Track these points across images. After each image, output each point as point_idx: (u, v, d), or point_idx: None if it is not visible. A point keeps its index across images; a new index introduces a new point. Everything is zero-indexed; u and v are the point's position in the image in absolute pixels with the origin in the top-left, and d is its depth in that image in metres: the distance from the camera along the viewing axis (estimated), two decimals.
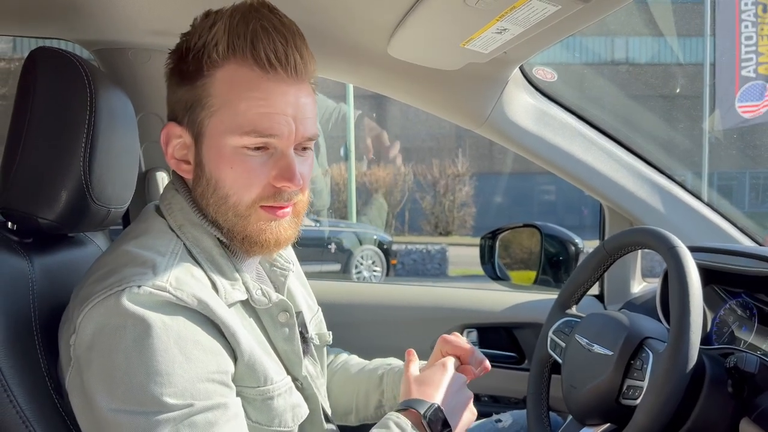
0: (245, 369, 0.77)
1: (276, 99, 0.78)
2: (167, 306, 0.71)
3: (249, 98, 0.77)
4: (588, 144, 1.37)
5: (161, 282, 0.72)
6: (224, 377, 0.73)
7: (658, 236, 0.97)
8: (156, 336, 0.68)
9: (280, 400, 0.81)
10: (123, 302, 0.69)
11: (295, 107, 0.79)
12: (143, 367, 0.67)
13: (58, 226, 0.83)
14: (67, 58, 0.83)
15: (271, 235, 0.82)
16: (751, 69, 7.54)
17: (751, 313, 1.11)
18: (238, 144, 0.78)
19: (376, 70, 1.26)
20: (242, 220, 0.81)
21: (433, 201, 13.89)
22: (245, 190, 0.80)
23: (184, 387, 0.68)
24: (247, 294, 0.82)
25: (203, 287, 0.75)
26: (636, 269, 1.51)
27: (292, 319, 0.86)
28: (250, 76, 0.77)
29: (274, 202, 0.81)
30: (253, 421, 0.78)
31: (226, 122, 0.78)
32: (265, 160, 0.80)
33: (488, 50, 1.06)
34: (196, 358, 0.70)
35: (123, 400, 0.67)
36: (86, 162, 0.82)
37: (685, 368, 0.85)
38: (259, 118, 0.77)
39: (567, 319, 1.14)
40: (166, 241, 0.80)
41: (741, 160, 11.71)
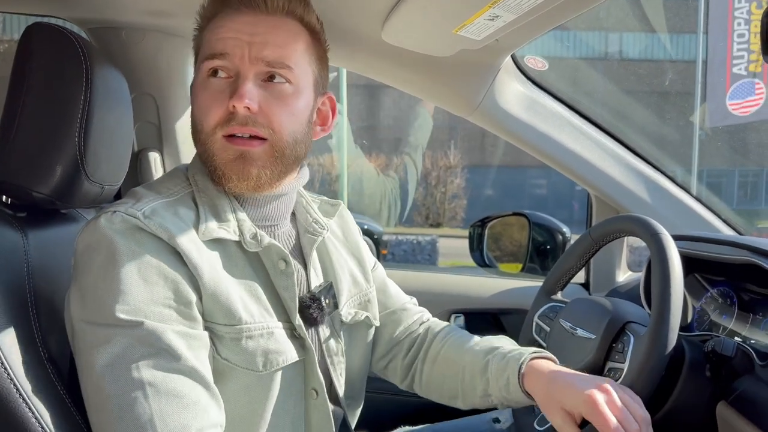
0: (211, 304, 0.78)
1: (231, 26, 0.84)
2: (136, 232, 0.76)
3: (210, 30, 0.86)
4: (577, 133, 1.39)
5: (135, 210, 0.77)
6: (185, 305, 0.76)
7: (642, 223, 0.99)
8: (120, 258, 0.73)
9: (250, 342, 0.81)
10: (100, 225, 0.76)
11: (252, 32, 0.83)
12: (106, 284, 0.73)
13: (52, 200, 0.84)
14: (63, 34, 0.83)
15: (233, 166, 0.83)
16: (742, 67, 7.58)
17: (731, 300, 1.14)
18: (203, 71, 0.85)
19: (369, 55, 1.27)
20: (208, 150, 0.85)
21: (424, 192, 13.91)
22: (206, 114, 0.84)
23: (137, 306, 0.73)
24: (240, 236, 0.84)
25: (181, 222, 0.80)
26: (621, 258, 1.54)
27: (290, 268, 0.87)
28: (223, 15, 0.86)
29: (229, 126, 0.83)
30: (223, 358, 0.79)
31: (199, 57, 0.88)
32: (224, 87, 0.83)
33: (480, 37, 1.07)
34: (154, 283, 0.74)
35: (88, 312, 0.74)
36: (81, 138, 0.83)
37: (664, 350, 0.87)
38: (214, 42, 0.84)
39: (552, 305, 1.16)
40: (172, 184, 0.86)
41: (730, 158, 11.81)
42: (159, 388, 0.71)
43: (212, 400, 0.76)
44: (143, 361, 0.71)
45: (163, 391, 0.71)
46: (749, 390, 0.91)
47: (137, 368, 0.71)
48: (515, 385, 0.91)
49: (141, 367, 0.71)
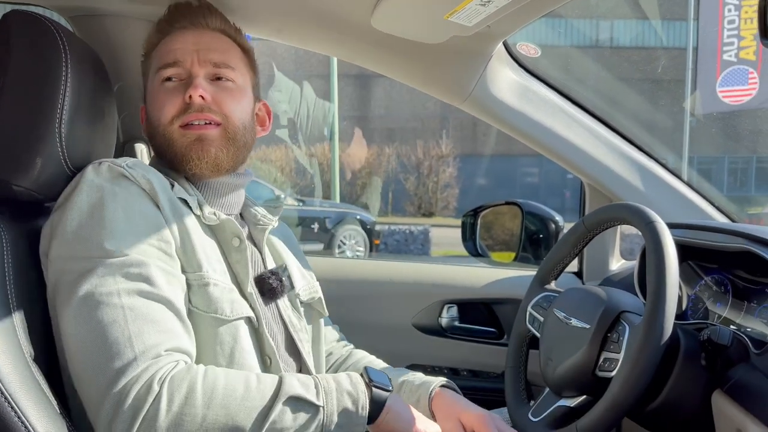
0: (182, 253, 0.86)
1: (178, 38, 0.99)
2: (121, 179, 0.83)
3: (161, 47, 1.00)
4: (570, 121, 1.37)
5: (120, 162, 0.85)
6: (164, 246, 0.83)
7: (637, 211, 0.98)
8: (106, 200, 0.80)
9: (217, 290, 0.87)
10: (87, 174, 0.83)
11: (196, 42, 0.98)
12: (91, 222, 0.79)
13: (33, 194, 0.82)
14: (42, 22, 0.80)
15: (192, 148, 0.94)
16: (732, 53, 7.59)
17: (725, 288, 1.13)
18: (157, 80, 0.98)
19: (359, 42, 1.25)
20: (166, 140, 0.95)
21: (416, 182, 13.90)
22: (163, 109, 0.95)
23: (123, 239, 0.79)
24: (200, 212, 0.93)
25: (157, 177, 0.88)
26: (615, 247, 1.53)
27: (243, 244, 0.94)
28: (169, 38, 1.01)
29: (186, 116, 0.94)
30: (193, 306, 0.85)
31: (151, 68, 1.00)
32: (178, 86, 0.96)
33: (472, 23, 1.05)
34: (137, 224, 0.81)
35: (73, 248, 0.79)
36: (62, 129, 0.80)
37: (660, 340, 0.86)
38: (166, 54, 0.98)
39: (546, 294, 1.15)
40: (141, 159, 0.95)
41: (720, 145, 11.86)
42: (137, 312, 0.76)
43: (185, 332, 0.81)
44: (124, 288, 0.76)
45: (140, 315, 0.76)
46: (744, 378, 0.90)
47: (118, 294, 0.76)
48: (425, 402, 1.04)
49: (121, 293, 0.76)
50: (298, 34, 1.30)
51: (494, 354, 1.52)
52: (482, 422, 0.98)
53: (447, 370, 1.57)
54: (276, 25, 1.25)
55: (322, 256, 7.17)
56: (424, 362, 1.57)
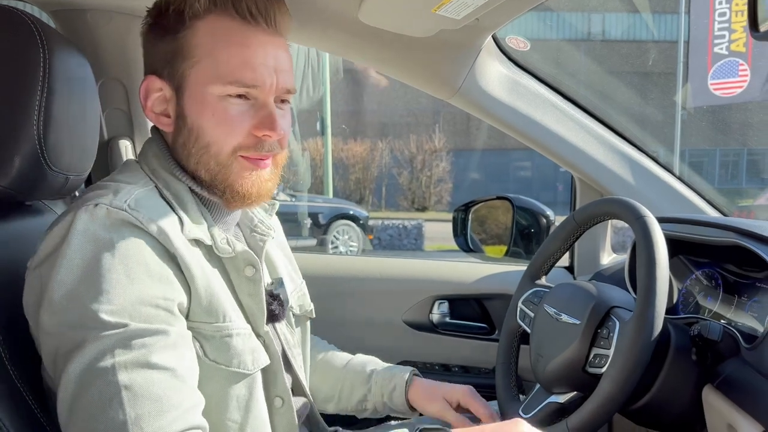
0: (201, 304, 0.76)
1: (257, 49, 0.80)
2: (122, 225, 0.71)
3: (231, 48, 0.80)
4: (560, 115, 1.36)
5: (119, 202, 0.72)
6: (170, 305, 0.72)
7: (627, 206, 0.97)
8: (102, 254, 0.69)
9: (239, 340, 0.80)
10: (78, 220, 0.70)
11: (275, 59, 0.82)
12: (88, 284, 0.68)
13: (11, 193, 0.80)
14: (18, 16, 0.78)
15: (253, 186, 0.84)
16: (723, 46, 7.61)
17: (716, 282, 1.13)
18: (220, 93, 0.80)
19: (346, 36, 1.23)
20: (224, 169, 0.82)
21: (410, 177, 13.90)
22: (226, 137, 0.81)
23: (122, 306, 0.69)
24: (212, 241, 0.81)
25: (165, 216, 0.76)
26: (606, 241, 1.52)
27: (258, 274, 0.85)
28: (232, 26, 0.80)
29: (255, 152, 0.83)
30: (211, 360, 0.77)
31: (208, 72, 0.80)
32: (246, 109, 0.82)
33: (460, 16, 1.03)
34: (140, 281, 0.70)
35: (66, 315, 0.69)
36: (40, 126, 0.78)
37: (650, 336, 0.86)
38: (242, 68, 0.80)
39: (536, 290, 1.15)
40: (138, 177, 0.81)
41: (712, 138, 11.91)
42: (137, 391, 0.67)
43: (194, 403, 0.72)
44: (122, 362, 0.67)
45: (141, 394, 0.67)
46: (735, 373, 0.90)
47: (115, 370, 0.67)
48: (401, 392, 1.05)
49: (119, 369, 0.67)
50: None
51: (485, 350, 1.52)
52: (467, 394, 1.02)
53: (438, 366, 1.56)
54: None
55: (315, 253, 7.17)
56: (415, 358, 1.56)
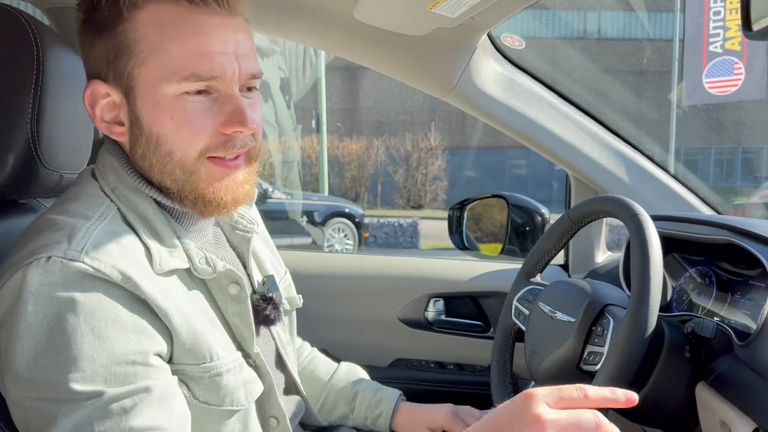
0: (184, 346, 0.69)
1: (211, 35, 0.69)
2: (81, 278, 0.63)
3: (181, 38, 0.69)
4: (555, 113, 1.37)
5: (75, 251, 0.64)
6: (148, 357, 0.65)
7: (621, 204, 0.97)
8: (64, 316, 0.61)
9: (230, 377, 0.73)
10: (30, 278, 0.62)
11: (235, 43, 0.71)
12: (50, 351, 0.61)
13: (5, 191, 0.80)
14: (11, 13, 0.78)
15: (227, 192, 0.75)
16: (718, 44, 7.63)
17: (709, 280, 1.13)
18: (176, 91, 0.70)
19: (341, 34, 1.23)
20: (192, 177, 0.73)
21: (405, 174, 13.89)
22: (190, 141, 0.71)
23: (94, 372, 0.62)
24: (189, 262, 0.74)
25: (131, 255, 0.68)
26: (600, 239, 1.53)
27: (244, 291, 0.77)
28: (179, 12, 0.69)
29: (225, 152, 0.73)
30: (202, 402, 0.71)
31: (159, 69, 0.69)
32: (208, 106, 0.72)
33: (455, 14, 1.04)
34: (111, 338, 0.63)
35: (30, 385, 0.62)
36: (34, 124, 0.78)
37: (644, 333, 0.86)
38: (196, 59, 0.69)
39: (531, 287, 1.15)
40: (95, 204, 0.72)
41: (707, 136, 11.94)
42: None
43: None
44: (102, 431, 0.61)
45: None
46: (728, 370, 0.90)
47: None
48: (386, 420, 1.05)
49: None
50: (282, 26, 1.29)
51: (481, 347, 1.52)
52: (449, 418, 1.02)
53: (433, 364, 1.57)
54: (259, 17, 1.23)
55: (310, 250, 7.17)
56: (410, 356, 1.57)
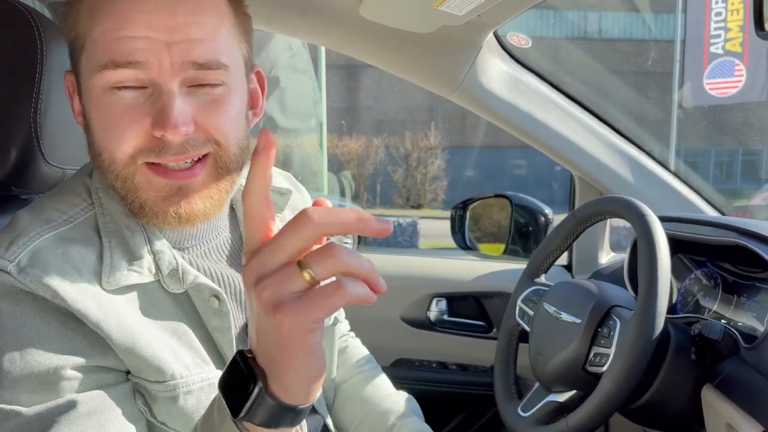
0: (132, 360, 0.63)
1: (135, 19, 0.61)
2: (9, 290, 0.59)
3: (104, 22, 0.61)
4: (560, 113, 1.36)
5: (5, 260, 0.60)
6: (72, 372, 0.60)
7: (628, 205, 0.97)
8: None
9: (190, 399, 0.66)
10: None
11: (166, 28, 0.61)
12: None
13: (7, 185, 0.79)
14: (15, 8, 0.77)
15: (170, 206, 0.65)
16: (719, 45, 7.63)
17: (715, 282, 1.13)
18: (102, 83, 0.62)
19: (347, 31, 1.22)
20: (127, 184, 0.65)
21: (405, 174, 13.88)
22: (116, 141, 0.63)
23: (12, 384, 0.58)
24: (157, 274, 0.68)
25: (73, 269, 0.62)
26: (604, 240, 1.52)
27: (225, 306, 0.70)
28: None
29: (157, 157, 0.64)
30: (159, 422, 0.66)
31: (88, 58, 0.63)
32: (141, 102, 0.63)
33: (462, 12, 1.03)
34: (34, 351, 0.58)
35: None
36: (37, 119, 0.77)
37: (651, 335, 0.85)
38: (115, 44, 0.61)
39: (535, 288, 1.14)
40: (69, 205, 0.68)
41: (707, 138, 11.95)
42: None
43: None
44: None
45: None
46: (734, 373, 0.90)
47: None
48: None
49: None
50: (287, 23, 1.28)
51: (483, 348, 1.51)
52: None
53: (435, 364, 1.56)
54: (264, 15, 1.22)
55: None
56: (413, 356, 1.56)
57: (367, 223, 0.44)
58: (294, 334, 0.44)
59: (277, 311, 0.43)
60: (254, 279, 0.44)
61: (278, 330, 0.44)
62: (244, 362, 0.48)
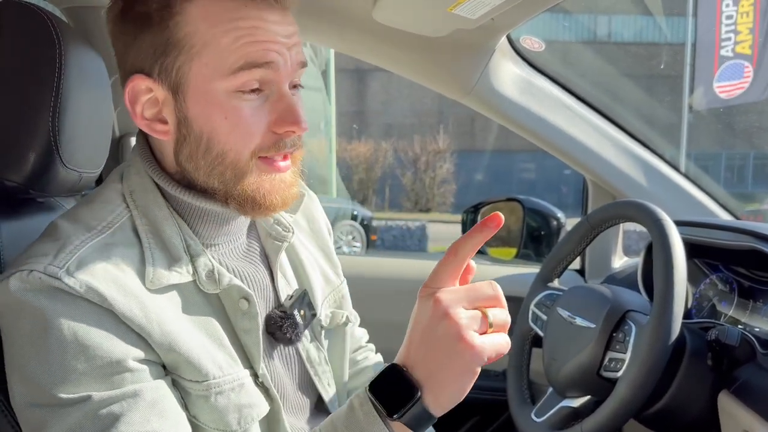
0: (172, 358, 0.68)
1: (265, 27, 0.69)
2: (58, 294, 0.63)
3: (235, 30, 0.68)
4: (573, 116, 1.36)
5: (55, 267, 0.64)
6: (132, 363, 0.65)
7: (644, 209, 0.96)
8: (48, 327, 0.62)
9: (221, 399, 0.70)
10: (14, 289, 0.63)
11: (286, 35, 0.71)
12: (38, 359, 0.62)
13: (25, 189, 0.80)
14: (35, 12, 0.78)
15: (277, 194, 0.73)
16: (729, 48, 7.59)
17: (731, 287, 1.12)
18: (230, 87, 0.69)
19: (360, 35, 1.23)
20: (243, 178, 0.72)
21: (413, 177, 13.88)
22: (244, 141, 0.70)
23: (78, 379, 0.62)
24: (194, 275, 0.72)
25: (119, 271, 0.67)
26: (618, 244, 1.52)
27: (254, 308, 0.75)
28: (232, 5, 0.68)
29: (276, 151, 0.72)
30: (191, 415, 0.70)
31: (212, 64, 0.68)
32: (260, 104, 0.71)
33: (476, 16, 1.03)
34: (96, 346, 0.63)
35: (24, 392, 0.63)
36: (55, 122, 0.78)
37: (668, 340, 0.85)
38: (250, 47, 0.68)
39: (549, 292, 1.14)
40: (106, 212, 0.72)
41: (718, 141, 11.88)
42: None
43: None
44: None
45: None
46: (752, 379, 0.89)
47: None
48: None
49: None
50: (301, 27, 1.28)
51: None
52: None
53: None
54: None
55: None
56: None
57: None
58: (471, 363, 0.58)
59: (462, 341, 0.58)
60: (445, 309, 0.59)
61: (460, 357, 0.58)
62: (400, 373, 0.62)
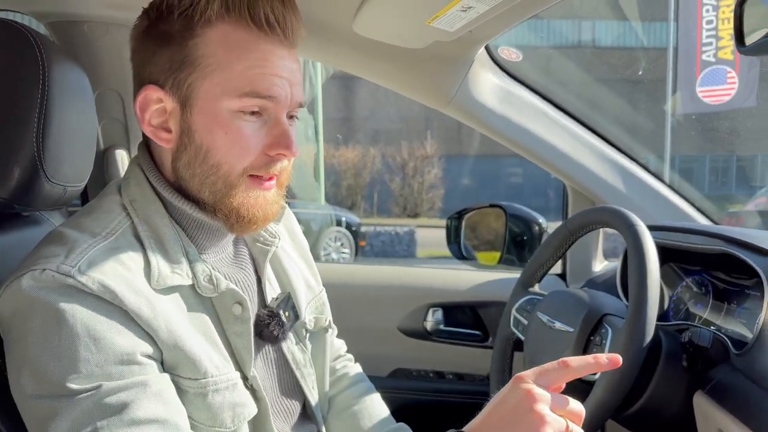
0: (173, 357, 0.72)
1: (274, 61, 0.76)
2: (71, 291, 0.67)
3: (247, 59, 0.75)
4: (552, 124, 1.38)
5: (67, 266, 0.68)
6: (140, 357, 0.69)
7: (618, 215, 0.99)
8: (61, 319, 0.66)
9: (217, 397, 0.74)
10: (26, 287, 0.67)
11: (290, 71, 0.78)
12: (50, 353, 0.65)
13: (10, 204, 0.80)
14: (17, 29, 0.79)
15: (258, 209, 0.79)
16: (711, 53, 7.69)
17: (706, 289, 1.14)
18: (234, 107, 0.75)
19: (341, 47, 1.25)
20: (231, 191, 0.77)
21: (401, 183, 13.90)
22: (239, 157, 0.76)
23: (90, 371, 0.66)
24: (193, 279, 0.76)
25: (127, 272, 0.71)
26: (597, 249, 1.54)
27: (247, 313, 0.79)
28: (248, 36, 0.75)
29: (264, 171, 0.78)
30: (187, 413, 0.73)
31: (221, 84, 0.75)
32: (259, 126, 0.77)
33: (454, 28, 1.05)
34: (106, 340, 0.67)
35: (33, 385, 0.66)
36: (39, 137, 0.79)
37: (642, 343, 0.87)
38: (258, 78, 0.75)
39: (530, 297, 1.16)
40: (108, 220, 0.76)
41: (701, 144, 12.00)
42: None
43: None
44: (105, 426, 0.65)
45: None
46: (725, 379, 0.91)
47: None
48: None
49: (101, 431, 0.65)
50: None
51: (479, 357, 1.53)
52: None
53: (432, 374, 1.57)
54: None
55: None
56: (410, 366, 1.57)
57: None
58: None
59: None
60: (536, 403, 0.64)
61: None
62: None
